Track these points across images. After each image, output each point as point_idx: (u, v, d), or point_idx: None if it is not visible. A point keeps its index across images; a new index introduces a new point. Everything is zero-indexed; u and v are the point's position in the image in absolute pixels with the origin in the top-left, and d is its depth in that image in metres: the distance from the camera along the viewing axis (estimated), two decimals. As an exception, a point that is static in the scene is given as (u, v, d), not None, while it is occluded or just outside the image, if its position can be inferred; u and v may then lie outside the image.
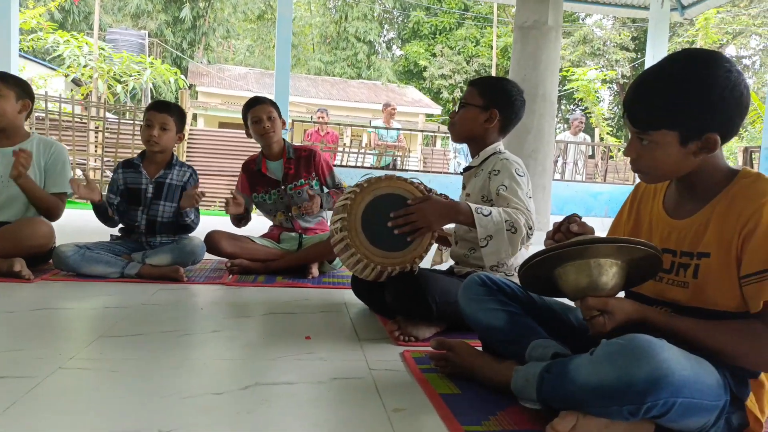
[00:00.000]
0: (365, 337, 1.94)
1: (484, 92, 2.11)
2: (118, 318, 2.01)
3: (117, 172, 2.92)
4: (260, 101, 3.11)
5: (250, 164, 3.22)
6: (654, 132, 1.18)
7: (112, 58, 11.19)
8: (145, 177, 2.88)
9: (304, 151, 3.17)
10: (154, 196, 2.86)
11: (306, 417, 1.27)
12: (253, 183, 3.18)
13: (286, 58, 7.40)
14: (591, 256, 1.20)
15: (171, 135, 2.87)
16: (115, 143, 8.01)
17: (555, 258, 1.23)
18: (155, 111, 2.85)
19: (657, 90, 1.18)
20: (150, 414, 1.23)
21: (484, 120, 2.10)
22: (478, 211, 1.80)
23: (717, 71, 1.14)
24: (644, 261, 1.24)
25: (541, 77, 5.42)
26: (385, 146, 8.39)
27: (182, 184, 2.92)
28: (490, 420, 1.28)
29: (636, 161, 1.25)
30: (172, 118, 2.86)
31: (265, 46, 26.73)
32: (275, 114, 3.08)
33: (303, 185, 3.10)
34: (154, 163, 2.92)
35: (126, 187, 2.89)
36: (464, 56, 23.87)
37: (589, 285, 1.21)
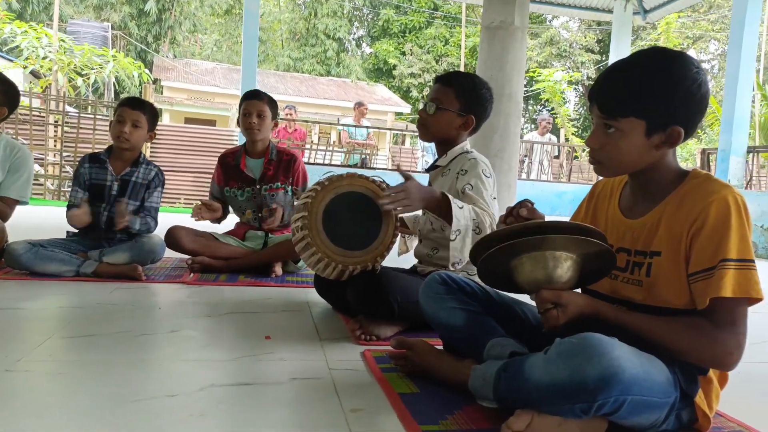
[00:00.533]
0: (326, 336, 1.92)
1: (460, 96, 2.05)
2: (72, 318, 1.95)
3: (83, 166, 2.82)
4: (257, 96, 3.05)
5: (228, 157, 3.17)
6: (623, 119, 1.19)
7: (72, 50, 10.87)
8: (110, 174, 2.79)
9: (287, 155, 3.14)
10: (118, 193, 2.78)
11: (262, 419, 1.25)
12: (228, 176, 3.13)
13: (252, 54, 7.31)
14: (547, 248, 1.21)
15: (142, 133, 2.79)
16: (75, 138, 7.79)
17: (512, 249, 1.24)
18: (128, 107, 2.77)
19: (630, 77, 1.19)
20: (100, 418, 1.19)
21: (459, 125, 2.07)
22: (455, 202, 1.80)
23: (686, 68, 1.17)
24: (598, 256, 1.26)
25: (508, 77, 5.48)
26: (354, 144, 8.36)
27: (147, 182, 2.85)
28: (447, 419, 1.28)
29: (598, 151, 1.25)
30: (144, 116, 2.78)
31: (233, 41, 26.38)
32: (267, 112, 3.03)
33: (279, 188, 3.07)
34: (120, 160, 2.83)
35: (90, 183, 2.80)
36: (433, 55, 23.99)
37: (545, 277, 1.22)
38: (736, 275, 1.11)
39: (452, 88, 2.07)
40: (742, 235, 1.13)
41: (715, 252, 1.14)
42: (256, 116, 3.00)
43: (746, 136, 6.49)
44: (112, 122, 2.80)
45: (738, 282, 1.11)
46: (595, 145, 1.25)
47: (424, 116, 2.11)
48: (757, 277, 1.13)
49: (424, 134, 2.16)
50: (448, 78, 2.12)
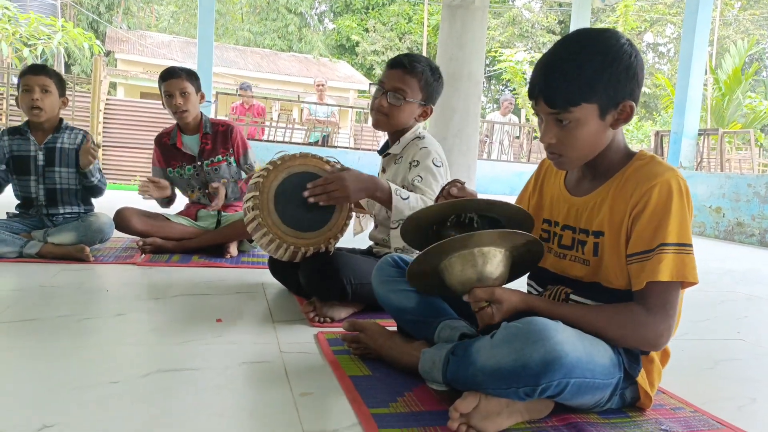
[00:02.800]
0: (280, 318, 1.90)
1: (424, 87, 1.99)
2: (12, 302, 1.87)
3: (2, 139, 2.67)
4: (173, 74, 2.89)
5: (164, 137, 3.05)
6: (574, 108, 1.16)
7: (18, 18, 10.32)
8: (33, 143, 2.65)
9: (222, 125, 3.04)
10: (46, 163, 2.65)
11: (208, 405, 1.22)
12: (167, 157, 3.02)
13: (209, 27, 7.09)
14: (475, 245, 1.21)
15: (54, 99, 2.64)
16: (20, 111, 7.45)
17: (440, 250, 1.23)
18: (31, 74, 2.60)
19: (570, 66, 1.16)
20: (34, 406, 1.14)
21: (419, 114, 2.03)
22: (397, 193, 1.78)
23: (618, 42, 1.17)
24: (527, 248, 1.27)
25: (468, 57, 5.46)
26: (315, 121, 8.25)
27: (75, 147, 2.70)
28: (397, 401, 1.28)
29: (556, 145, 1.22)
30: (51, 80, 2.63)
31: (190, 13, 25.50)
32: (190, 89, 2.90)
33: (221, 161, 2.98)
34: (41, 130, 2.68)
35: (12, 156, 2.66)
36: (397, 33, 23.78)
37: (476, 275, 1.22)
38: (674, 259, 1.13)
39: (416, 78, 1.97)
40: (682, 220, 1.15)
41: (653, 235, 1.15)
42: (179, 96, 2.88)
43: (698, 119, 6.67)
44: (19, 95, 2.62)
45: (675, 266, 1.13)
46: (552, 139, 1.22)
47: (384, 106, 1.98)
48: (693, 262, 1.15)
49: (383, 124, 2.05)
50: (411, 65, 1.98)
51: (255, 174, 1.84)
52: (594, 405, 1.20)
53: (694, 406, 1.37)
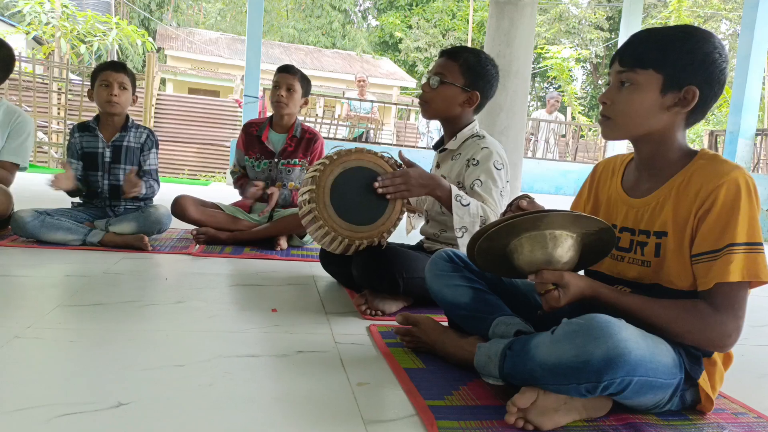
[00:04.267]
0: (332, 310, 1.94)
1: (466, 70, 1.99)
2: (79, 287, 1.96)
3: (74, 135, 2.81)
4: (289, 70, 3.05)
5: (253, 127, 3.18)
6: (641, 71, 1.21)
7: (75, 16, 10.73)
8: (101, 141, 2.78)
9: (309, 133, 3.15)
10: (112, 160, 2.77)
11: (269, 390, 1.26)
12: (248, 145, 3.15)
13: (258, 26, 7.20)
14: (546, 227, 1.21)
15: (128, 96, 2.77)
16: (78, 106, 7.75)
17: (511, 229, 1.23)
18: (111, 70, 2.73)
19: (657, 33, 1.23)
20: (109, 385, 1.21)
21: (463, 101, 2.02)
22: (458, 199, 1.79)
23: (711, 38, 1.20)
24: (598, 236, 1.25)
25: (515, 54, 5.40)
26: (358, 118, 8.31)
27: (140, 145, 2.82)
28: (452, 395, 1.29)
29: (609, 107, 1.27)
30: (128, 78, 2.75)
31: (237, 10, 26.00)
32: (297, 88, 3.03)
33: (296, 165, 3.08)
34: (109, 126, 2.80)
35: (83, 152, 2.78)
36: (440, 29, 23.65)
37: (545, 257, 1.22)
38: (745, 259, 1.12)
39: (457, 62, 2.00)
40: (752, 218, 1.13)
41: (721, 235, 1.13)
42: (285, 89, 3.00)
43: (755, 119, 6.42)
44: (95, 88, 2.75)
45: (746, 266, 1.12)
46: (607, 99, 1.27)
47: (426, 91, 2.03)
48: (764, 260, 1.13)
49: (426, 111, 2.09)
50: (453, 51, 2.04)
51: (311, 168, 1.87)
52: (653, 405, 1.19)
53: (757, 411, 1.34)
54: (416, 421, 1.16)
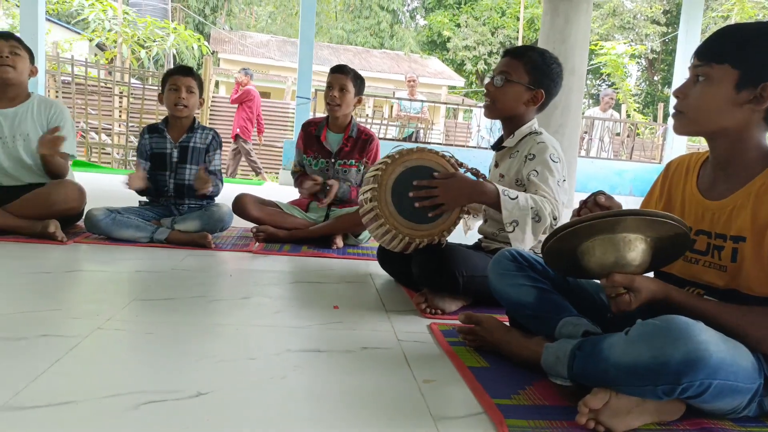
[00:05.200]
0: (392, 308, 1.96)
1: (531, 70, 1.97)
2: (150, 282, 2.06)
3: (144, 137, 2.94)
4: (341, 70, 3.09)
5: (312, 126, 3.23)
6: (716, 66, 1.19)
7: (136, 22, 11.18)
8: (169, 141, 2.90)
9: (366, 134, 3.18)
10: (179, 160, 2.88)
11: (338, 384, 1.29)
12: (307, 144, 3.20)
13: (310, 28, 7.32)
14: (620, 231, 1.19)
15: (195, 99, 2.89)
16: (139, 109, 8.06)
17: (582, 232, 1.22)
18: (180, 75, 2.86)
19: (737, 29, 1.21)
20: (188, 375, 1.26)
21: (527, 99, 2.01)
22: (505, 193, 1.78)
23: None
24: (673, 239, 1.23)
25: (571, 51, 5.32)
26: (408, 118, 8.32)
27: (205, 146, 2.94)
28: (519, 394, 1.29)
29: (682, 101, 1.26)
30: (195, 82, 2.87)
31: (287, 13, 26.45)
32: (350, 87, 3.06)
33: (353, 166, 3.12)
34: (177, 128, 2.93)
35: (152, 152, 2.91)
36: (489, 27, 23.42)
37: (616, 261, 1.21)
38: None
39: (522, 61, 1.99)
40: None
41: None
42: (338, 90, 3.03)
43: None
44: (165, 92, 2.87)
45: None
46: (681, 94, 1.26)
47: (491, 90, 2.03)
48: None
49: (490, 110, 2.08)
50: (517, 50, 2.05)
51: (373, 167, 1.90)
52: (731, 411, 1.16)
53: (841, 420, 1.28)
54: (484, 419, 1.17)
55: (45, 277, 2.02)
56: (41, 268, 2.14)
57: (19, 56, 2.70)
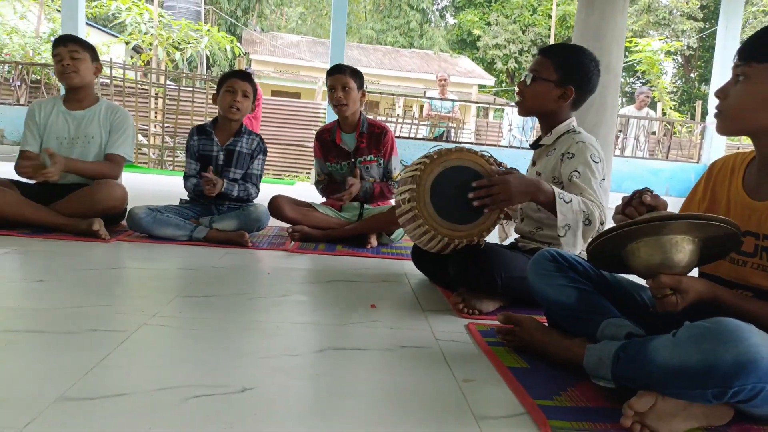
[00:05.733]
0: (428, 307, 1.97)
1: (559, 66, 1.98)
2: (191, 279, 2.10)
3: (192, 138, 3.00)
4: (338, 70, 3.10)
5: (325, 133, 3.26)
6: (756, 64, 1.18)
7: (171, 25, 11.39)
8: (216, 144, 2.96)
9: (378, 128, 3.19)
10: (225, 163, 2.94)
11: (379, 382, 1.31)
12: (326, 152, 3.23)
13: (341, 28, 7.36)
14: (668, 233, 1.18)
15: (248, 103, 2.94)
16: (175, 110, 8.22)
17: (629, 234, 1.21)
18: (238, 78, 2.91)
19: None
20: (233, 371, 1.29)
21: (557, 96, 2.00)
22: (561, 196, 1.76)
23: None
24: (722, 239, 1.21)
25: (606, 48, 5.23)
26: (439, 117, 8.30)
27: (250, 151, 3.00)
28: (561, 395, 1.28)
29: (723, 101, 1.25)
30: (251, 87, 2.92)
31: (317, 14, 26.63)
32: (352, 84, 3.07)
33: (372, 161, 3.14)
34: (225, 131, 2.99)
35: (199, 154, 2.97)
36: (520, 25, 23.19)
37: (663, 262, 1.19)
38: None
39: (550, 59, 2.00)
40: None
41: None
42: (341, 90, 3.05)
43: None
44: (220, 93, 2.92)
45: None
46: (721, 94, 1.25)
47: (521, 88, 2.05)
48: None
49: (520, 107, 2.10)
50: (547, 48, 2.06)
51: (410, 168, 1.91)
52: (781, 416, 1.13)
53: None
54: (527, 420, 1.17)
55: (92, 273, 2.09)
56: (87, 265, 2.20)
57: (80, 59, 2.79)
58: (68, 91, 2.88)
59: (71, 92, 2.87)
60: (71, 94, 2.88)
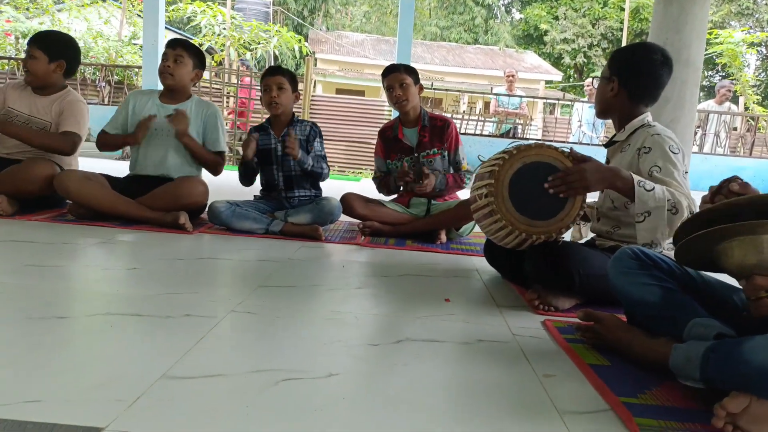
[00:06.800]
0: (503, 303, 1.97)
1: (611, 63, 2.08)
2: (271, 270, 2.19)
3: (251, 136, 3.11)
4: (393, 69, 3.14)
5: (387, 131, 3.30)
6: None
7: (242, 26, 11.78)
8: (273, 137, 3.06)
9: (440, 120, 3.20)
10: (283, 153, 3.03)
11: (459, 375, 1.33)
12: (388, 149, 3.26)
13: (408, 26, 7.38)
14: (764, 232, 1.14)
15: (288, 95, 3.02)
16: (246, 109, 8.50)
17: (722, 234, 1.18)
18: (269, 76, 3.02)
19: None
20: (319, 358, 1.35)
21: (609, 90, 2.05)
22: (641, 185, 1.72)
23: None
24: None
25: (686, 41, 5.00)
26: (506, 113, 8.19)
27: (305, 137, 3.08)
28: (645, 393, 1.26)
29: None
30: (285, 79, 3.01)
31: (381, 12, 26.80)
32: (408, 80, 3.09)
33: (435, 155, 3.14)
34: (279, 124, 3.09)
35: (259, 149, 3.08)
36: (590, 18, 22.47)
37: (758, 262, 1.15)
38: None
39: (608, 59, 2.14)
40: None
41: None
42: (399, 88, 3.07)
43: None
44: (262, 94, 3.04)
45: None
46: None
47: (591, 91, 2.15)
48: None
49: (595, 110, 2.20)
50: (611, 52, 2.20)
51: (488, 163, 1.91)
52: None
53: None
54: (611, 417, 1.16)
55: (180, 263, 2.21)
56: (175, 255, 2.34)
57: (182, 63, 2.98)
58: (165, 87, 3.08)
59: (167, 89, 3.07)
60: (167, 90, 3.10)
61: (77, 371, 1.19)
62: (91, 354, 1.31)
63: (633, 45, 2.12)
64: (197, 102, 3.11)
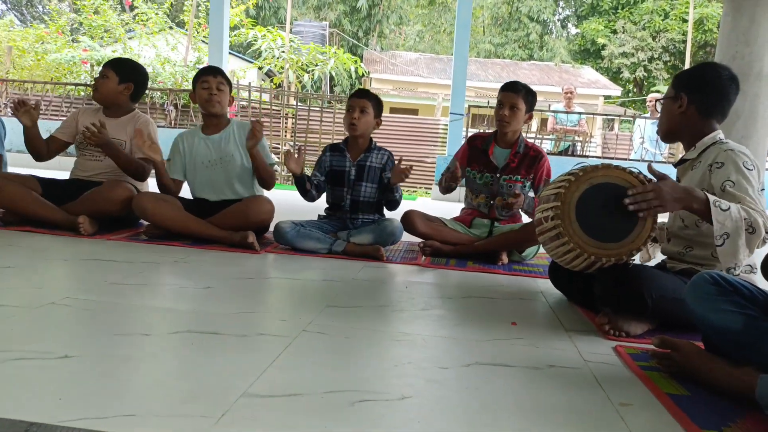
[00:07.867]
0: (571, 327, 1.93)
1: (673, 83, 2.06)
2: (338, 290, 2.23)
3: (325, 154, 3.20)
4: (512, 88, 3.10)
5: (477, 140, 3.30)
6: None
7: (300, 49, 12.13)
8: (348, 160, 3.12)
9: (534, 150, 3.18)
10: (356, 178, 3.10)
11: (530, 401, 1.32)
12: (472, 158, 3.25)
13: (464, 45, 7.41)
14: None
15: (369, 119, 3.07)
16: (305, 129, 8.72)
17: None
18: (356, 97, 3.07)
19: None
20: (391, 380, 1.37)
21: (677, 108, 2.00)
22: (716, 204, 1.67)
23: None
24: None
25: (757, 54, 4.81)
26: (564, 131, 8.06)
27: (381, 166, 3.12)
28: (730, 426, 1.22)
29: None
30: (370, 103, 3.06)
31: (435, 30, 27.00)
32: (521, 105, 3.07)
33: (518, 182, 3.13)
34: (356, 148, 3.15)
35: (331, 169, 3.15)
36: (650, 31, 21.89)
37: None
38: None
39: (671, 81, 2.10)
40: None
41: None
42: (508, 108, 3.07)
43: None
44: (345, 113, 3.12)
45: None
46: None
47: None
48: None
49: (660, 134, 2.16)
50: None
51: (553, 185, 1.90)
52: None
53: None
54: (695, 449, 1.12)
55: (249, 282, 2.29)
56: (245, 274, 2.42)
57: (224, 91, 3.11)
58: (206, 117, 3.18)
59: (208, 118, 3.17)
60: (208, 120, 3.18)
61: (164, 387, 1.25)
62: (176, 370, 1.38)
63: (699, 65, 2.09)
64: (238, 124, 3.22)
